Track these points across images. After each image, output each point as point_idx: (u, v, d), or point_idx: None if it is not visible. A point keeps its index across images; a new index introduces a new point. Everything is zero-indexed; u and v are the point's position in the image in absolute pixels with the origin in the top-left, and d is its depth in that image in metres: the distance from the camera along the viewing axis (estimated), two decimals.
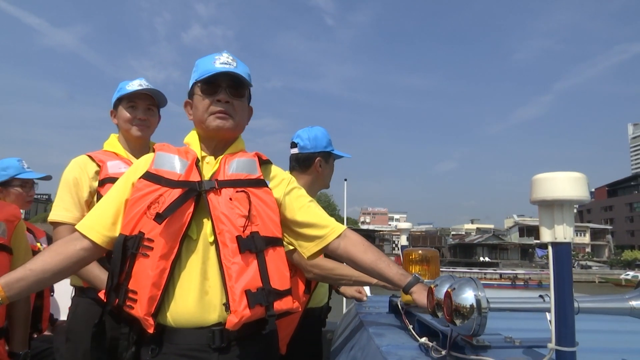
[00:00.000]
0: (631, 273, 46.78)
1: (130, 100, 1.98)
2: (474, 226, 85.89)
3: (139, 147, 2.02)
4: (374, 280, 1.80)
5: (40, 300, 2.52)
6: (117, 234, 1.31)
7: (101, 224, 1.32)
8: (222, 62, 1.38)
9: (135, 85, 1.98)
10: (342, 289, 2.48)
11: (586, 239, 76.61)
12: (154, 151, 1.42)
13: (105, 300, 1.29)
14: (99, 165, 1.88)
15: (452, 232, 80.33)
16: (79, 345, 1.75)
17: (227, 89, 1.37)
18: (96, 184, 1.86)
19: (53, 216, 1.83)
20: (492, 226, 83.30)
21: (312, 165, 2.05)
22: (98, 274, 1.69)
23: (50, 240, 2.75)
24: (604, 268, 60.09)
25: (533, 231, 70.94)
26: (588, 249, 74.20)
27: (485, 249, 65.36)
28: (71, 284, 1.93)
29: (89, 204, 1.84)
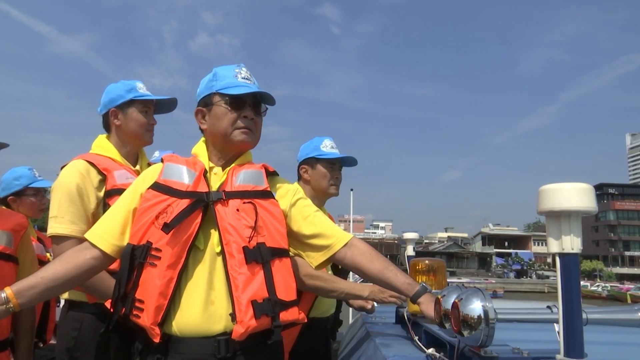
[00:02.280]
0: (581, 283, 46.76)
1: (146, 105, 1.92)
2: (447, 234, 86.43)
3: (134, 152, 1.96)
4: (365, 293, 1.85)
5: (46, 311, 2.53)
6: (125, 244, 1.32)
7: (110, 234, 1.33)
8: (243, 76, 1.41)
9: (144, 89, 1.93)
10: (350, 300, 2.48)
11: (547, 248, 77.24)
12: (162, 161, 1.43)
13: (111, 310, 1.30)
14: (102, 174, 1.76)
15: (425, 241, 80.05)
16: None
17: (252, 106, 1.40)
18: (101, 193, 1.75)
19: (58, 229, 1.67)
20: (465, 235, 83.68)
21: (302, 176, 2.15)
22: (108, 283, 1.60)
23: None
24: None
25: (494, 240, 72.51)
26: (549, 259, 74.53)
27: (444, 257, 65.73)
28: (65, 298, 1.82)
29: (95, 216, 1.73)
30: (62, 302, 2.60)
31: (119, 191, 1.70)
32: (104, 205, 1.74)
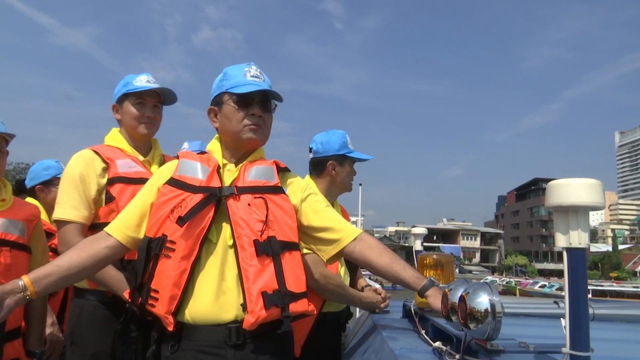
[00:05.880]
0: (490, 278, 48.00)
1: (139, 97, 1.91)
2: (395, 229, 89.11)
3: (143, 143, 1.98)
4: (359, 305, 1.94)
5: (64, 301, 2.56)
6: (141, 236, 1.37)
7: (126, 225, 1.39)
8: (252, 75, 1.44)
9: (143, 81, 1.92)
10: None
11: (477, 243, 77.10)
12: (177, 157, 1.48)
13: (130, 300, 1.36)
14: (106, 162, 1.81)
15: (376, 235, 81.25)
16: (86, 348, 1.75)
17: (260, 103, 1.43)
18: (104, 181, 1.79)
19: (60, 214, 1.74)
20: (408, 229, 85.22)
21: (326, 169, 2.08)
22: (114, 274, 1.67)
23: None
24: (484, 273, 61.02)
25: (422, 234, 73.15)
26: (478, 254, 75.24)
27: None
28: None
29: (96, 202, 1.78)
30: None
31: (120, 179, 1.77)
32: (106, 192, 1.78)
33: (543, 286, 37.45)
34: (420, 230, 2.41)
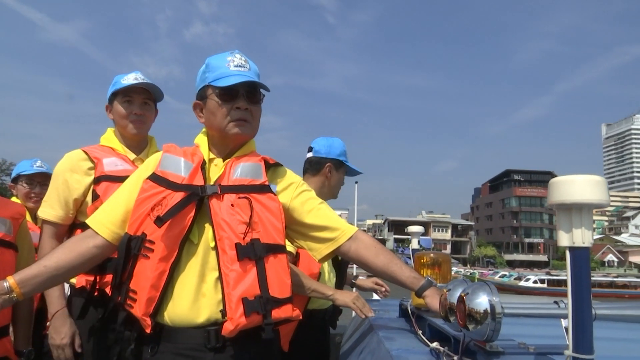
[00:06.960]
0: (454, 269, 50.19)
1: (125, 94, 1.91)
2: (372, 221, 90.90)
3: (136, 142, 1.98)
4: (330, 292, 1.83)
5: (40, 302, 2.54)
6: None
7: (111, 221, 1.34)
8: (236, 64, 1.36)
9: (130, 79, 1.91)
10: (358, 281, 2.54)
11: (447, 235, 77.78)
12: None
13: (110, 296, 1.33)
14: (93, 162, 1.83)
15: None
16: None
17: (246, 95, 1.35)
18: (89, 180, 1.81)
19: (39, 212, 1.84)
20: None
21: (322, 170, 2.12)
22: (55, 291, 1.72)
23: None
24: (454, 264, 63.28)
25: (393, 226, 74.69)
26: (449, 245, 75.93)
27: None
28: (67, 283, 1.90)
29: (81, 202, 1.81)
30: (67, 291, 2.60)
31: (107, 177, 1.79)
32: (92, 191, 1.80)
33: (503, 276, 40.06)
34: (417, 228, 2.39)
